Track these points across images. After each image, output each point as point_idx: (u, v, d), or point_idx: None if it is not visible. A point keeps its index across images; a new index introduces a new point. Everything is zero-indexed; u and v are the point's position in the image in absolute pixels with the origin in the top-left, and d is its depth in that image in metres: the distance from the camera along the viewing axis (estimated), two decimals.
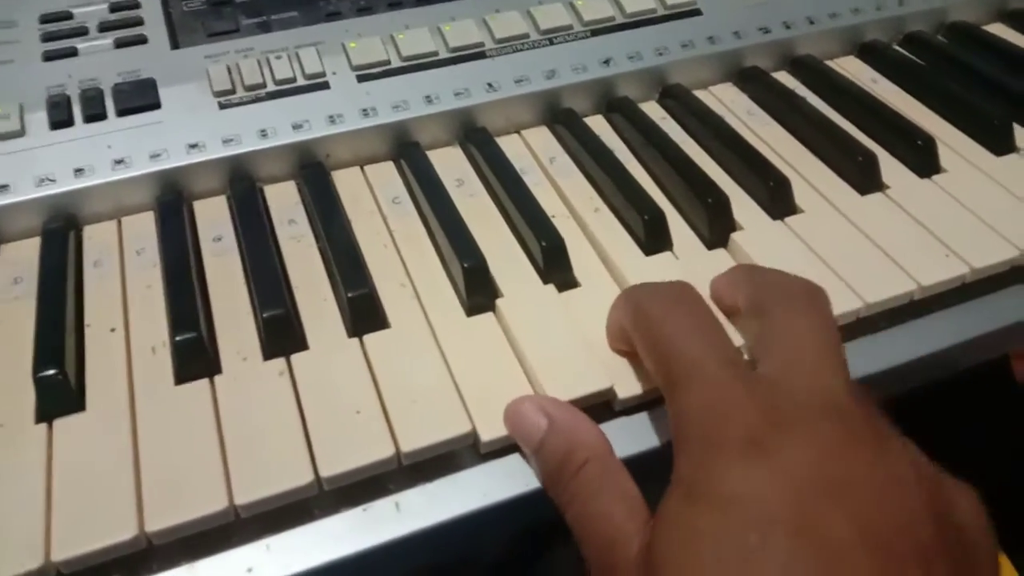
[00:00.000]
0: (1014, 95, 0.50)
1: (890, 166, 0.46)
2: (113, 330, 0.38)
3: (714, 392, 0.27)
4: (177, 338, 0.36)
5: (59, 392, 0.34)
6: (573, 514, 0.30)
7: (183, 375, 0.35)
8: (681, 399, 0.28)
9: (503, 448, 0.33)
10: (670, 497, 0.27)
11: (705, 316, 0.31)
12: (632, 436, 0.34)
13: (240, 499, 0.31)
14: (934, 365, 0.39)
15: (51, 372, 0.34)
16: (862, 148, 0.46)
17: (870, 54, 0.56)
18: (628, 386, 0.35)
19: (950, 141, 0.48)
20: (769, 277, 0.34)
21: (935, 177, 0.45)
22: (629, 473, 0.31)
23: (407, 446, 0.32)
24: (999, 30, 0.59)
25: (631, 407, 0.35)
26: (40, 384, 0.34)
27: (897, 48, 0.57)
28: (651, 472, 0.33)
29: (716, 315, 0.31)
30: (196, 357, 0.35)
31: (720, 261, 0.40)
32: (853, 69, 0.55)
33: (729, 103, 0.52)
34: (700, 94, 0.52)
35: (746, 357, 0.34)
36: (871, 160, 0.45)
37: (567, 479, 0.30)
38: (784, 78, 0.54)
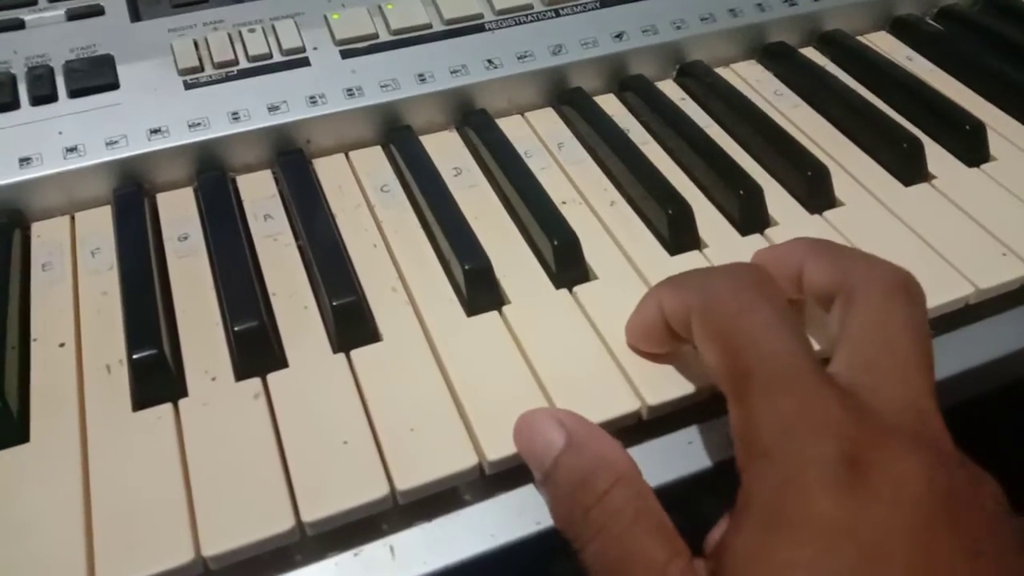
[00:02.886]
0: None
1: (935, 154, 0.43)
2: (63, 345, 0.34)
3: (804, 399, 0.24)
4: (135, 355, 0.32)
5: None
6: (596, 551, 0.26)
7: (142, 399, 0.32)
8: (758, 404, 0.25)
9: (513, 479, 0.30)
10: (741, 527, 0.23)
11: (788, 308, 0.27)
12: (656, 465, 0.31)
13: (209, 550, 0.27)
14: (987, 376, 0.36)
15: None
16: (907, 134, 0.42)
17: (903, 29, 0.53)
18: (659, 391, 0.31)
19: (997, 126, 0.45)
20: (855, 255, 0.30)
21: (984, 166, 0.42)
22: None
23: (403, 484, 0.29)
24: None
25: (657, 430, 0.32)
26: None
27: (932, 23, 0.54)
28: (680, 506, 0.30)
29: None
30: (157, 377, 0.32)
31: None
32: (886, 45, 0.52)
33: (754, 82, 0.49)
34: (722, 72, 0.49)
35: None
36: (917, 147, 0.42)
37: (590, 503, 0.26)
38: (812, 55, 0.51)
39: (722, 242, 0.38)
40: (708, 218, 0.39)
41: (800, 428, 0.24)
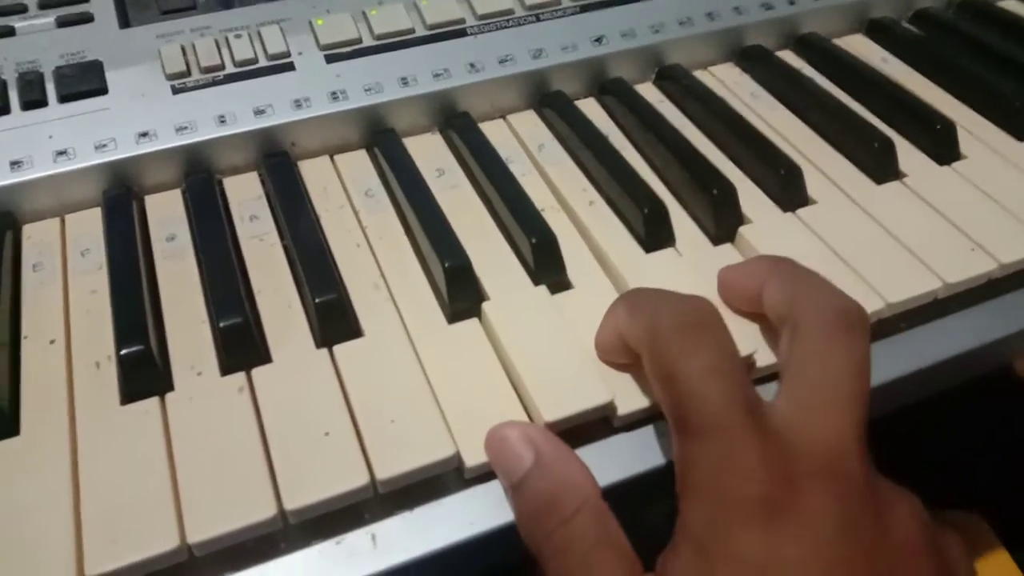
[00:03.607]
0: None
1: (907, 153, 0.44)
2: (53, 342, 0.35)
3: (730, 445, 0.26)
4: (123, 351, 0.33)
5: None
6: (558, 567, 0.27)
7: (130, 393, 0.32)
8: (693, 446, 0.27)
9: (490, 472, 0.31)
10: (679, 552, 0.26)
11: (727, 351, 0.28)
12: (632, 455, 0.32)
13: (194, 537, 0.28)
14: (958, 368, 0.37)
15: None
16: (878, 134, 0.43)
17: (879, 32, 0.54)
18: (629, 400, 0.32)
19: (968, 125, 0.46)
20: (806, 284, 0.31)
21: (955, 164, 0.43)
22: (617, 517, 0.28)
23: (383, 473, 0.29)
24: (1013, 6, 0.56)
25: (630, 423, 0.32)
26: None
27: (907, 25, 0.55)
28: (651, 493, 0.32)
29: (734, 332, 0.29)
30: (144, 373, 0.33)
31: (727, 258, 0.38)
32: (861, 48, 0.53)
33: (731, 84, 0.49)
34: (700, 75, 0.50)
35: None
36: (888, 146, 0.42)
37: (552, 527, 0.28)
38: (789, 57, 0.52)
39: (696, 241, 0.39)
40: (683, 217, 0.40)
41: (726, 472, 0.26)
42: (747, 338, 0.33)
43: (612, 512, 0.28)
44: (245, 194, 0.42)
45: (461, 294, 0.35)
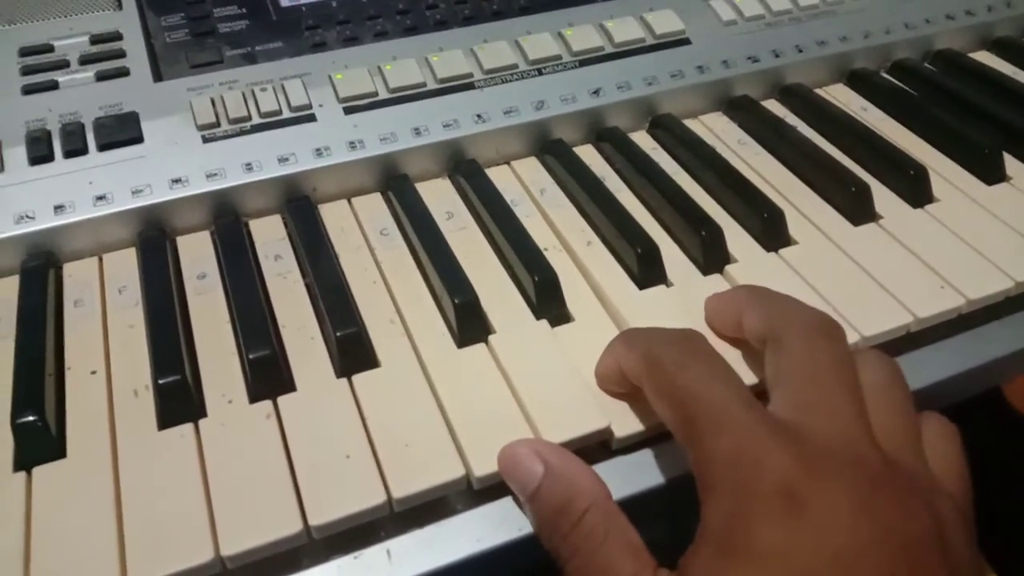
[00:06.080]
0: (1003, 123, 0.50)
1: (883, 196, 0.46)
2: (94, 373, 0.37)
3: (743, 438, 0.27)
4: (160, 381, 0.35)
5: (38, 439, 0.33)
6: (575, 567, 0.29)
7: (166, 419, 0.34)
8: (707, 446, 0.27)
9: (497, 490, 0.33)
10: (698, 552, 0.27)
11: (720, 362, 0.30)
12: (629, 476, 0.34)
13: (227, 550, 0.30)
14: (930, 398, 0.38)
15: (30, 419, 0.33)
16: (855, 178, 0.45)
17: (859, 82, 0.56)
18: (625, 425, 0.34)
19: (941, 170, 0.48)
20: (781, 304, 0.33)
21: (928, 207, 0.45)
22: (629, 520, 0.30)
23: (399, 492, 0.31)
24: (985, 58, 0.59)
25: (628, 446, 0.34)
26: (18, 431, 0.33)
27: (885, 76, 0.57)
28: (650, 513, 0.33)
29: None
30: (180, 401, 0.35)
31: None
32: (842, 97, 0.55)
33: (719, 132, 0.52)
34: (690, 123, 0.52)
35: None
36: (864, 190, 0.45)
37: (566, 529, 0.29)
38: (774, 106, 0.54)
39: (686, 278, 0.41)
40: (674, 256, 0.42)
41: (741, 464, 0.26)
42: (739, 368, 0.35)
43: (621, 512, 0.30)
44: (270, 235, 0.44)
45: (470, 327, 0.38)
